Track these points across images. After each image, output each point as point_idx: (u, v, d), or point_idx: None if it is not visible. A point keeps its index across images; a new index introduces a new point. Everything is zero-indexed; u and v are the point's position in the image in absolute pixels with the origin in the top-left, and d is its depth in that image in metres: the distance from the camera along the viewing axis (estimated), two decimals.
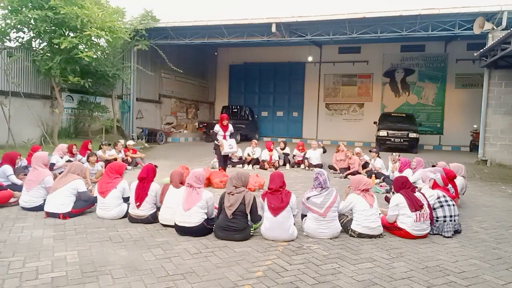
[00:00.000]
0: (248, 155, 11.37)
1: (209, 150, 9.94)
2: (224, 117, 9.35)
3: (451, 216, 5.14)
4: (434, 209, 5.21)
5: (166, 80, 19.68)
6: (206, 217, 4.72)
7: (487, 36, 12.32)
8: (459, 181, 6.93)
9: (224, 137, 9.24)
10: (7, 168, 6.52)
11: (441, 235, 5.03)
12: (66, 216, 5.20)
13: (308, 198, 4.85)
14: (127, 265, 3.71)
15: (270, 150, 11.26)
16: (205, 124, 18.60)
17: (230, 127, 9.35)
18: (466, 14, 12.69)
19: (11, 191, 5.97)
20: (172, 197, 5.01)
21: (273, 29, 14.26)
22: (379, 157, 10.01)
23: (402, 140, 15.43)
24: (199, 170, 5.00)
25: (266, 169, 10.68)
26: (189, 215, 4.62)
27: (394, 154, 9.73)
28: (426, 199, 5.14)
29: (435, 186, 5.74)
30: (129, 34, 14.10)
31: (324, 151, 11.40)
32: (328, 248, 4.43)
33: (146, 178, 5.27)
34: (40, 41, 12.17)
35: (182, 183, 5.17)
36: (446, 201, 5.28)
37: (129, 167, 9.97)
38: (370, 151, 10.39)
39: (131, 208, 5.22)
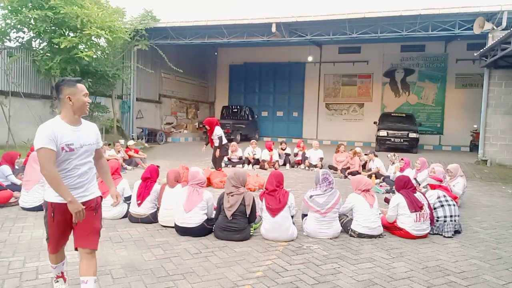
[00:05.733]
0: (249, 154, 11.36)
1: (209, 150, 9.96)
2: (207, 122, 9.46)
3: (451, 216, 5.14)
4: (435, 208, 5.21)
5: (166, 80, 19.68)
6: (206, 217, 4.73)
7: (487, 36, 12.32)
8: (460, 180, 6.95)
9: (210, 140, 9.45)
10: (6, 169, 6.52)
11: (441, 235, 5.03)
12: None
13: (311, 197, 4.85)
14: (127, 265, 3.71)
15: (270, 150, 11.25)
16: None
17: (216, 131, 9.37)
18: (466, 14, 12.68)
19: (11, 191, 5.97)
20: (169, 198, 5.02)
21: (273, 29, 14.26)
22: (376, 156, 9.99)
23: (402, 140, 15.42)
24: (198, 170, 5.02)
25: (266, 169, 10.68)
26: (190, 216, 4.62)
27: (390, 154, 9.75)
28: (426, 199, 5.15)
29: (434, 185, 5.76)
30: (129, 34, 14.09)
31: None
32: (328, 248, 4.43)
33: (150, 178, 5.32)
34: (40, 41, 12.17)
35: (178, 181, 5.19)
36: (447, 200, 5.28)
37: (129, 167, 9.98)
38: (366, 154, 10.29)
39: (132, 206, 5.23)
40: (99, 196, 2.91)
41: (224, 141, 9.57)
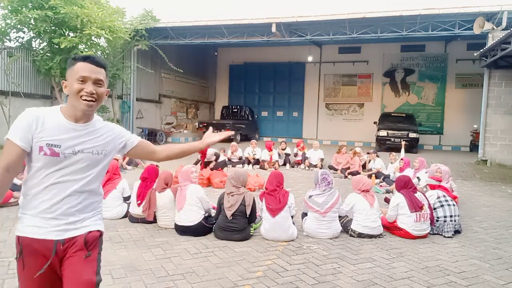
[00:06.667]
0: (249, 154, 11.37)
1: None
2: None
3: (451, 216, 5.14)
4: (435, 209, 5.21)
5: (166, 80, 19.67)
6: (203, 212, 4.72)
7: (487, 36, 12.31)
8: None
9: (202, 164, 9.48)
10: None
11: (441, 235, 5.03)
12: None
13: (310, 197, 4.86)
14: (127, 265, 3.71)
15: (270, 150, 11.25)
16: (205, 124, 18.57)
17: (209, 152, 9.51)
18: (466, 14, 12.68)
19: (11, 191, 5.97)
20: (162, 202, 5.01)
21: (273, 29, 14.25)
22: (378, 157, 10.04)
23: (402, 140, 15.41)
24: (185, 167, 5.08)
25: (266, 169, 10.68)
26: (184, 213, 4.65)
27: (394, 154, 9.78)
28: (427, 199, 5.15)
29: (434, 185, 5.78)
30: (129, 34, 14.09)
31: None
32: (328, 248, 4.43)
33: (148, 178, 5.33)
34: (40, 41, 12.17)
35: (167, 184, 5.19)
36: (446, 200, 5.28)
37: (129, 167, 9.99)
38: (368, 153, 10.38)
39: (132, 206, 5.24)
40: (95, 231, 1.84)
41: (222, 158, 9.65)
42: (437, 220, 5.14)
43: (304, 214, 5.04)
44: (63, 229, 1.75)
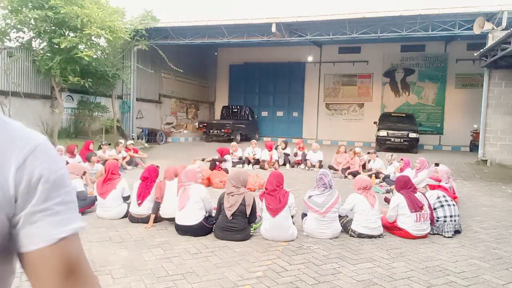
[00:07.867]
0: (249, 154, 11.37)
1: (209, 150, 10.02)
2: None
3: (451, 216, 5.14)
4: (435, 209, 5.21)
5: (166, 80, 19.68)
6: (204, 213, 4.73)
7: (487, 36, 12.31)
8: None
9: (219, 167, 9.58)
10: None
11: (441, 235, 5.03)
12: None
13: (309, 197, 4.86)
14: (127, 265, 3.71)
15: (270, 149, 11.26)
16: (205, 124, 18.59)
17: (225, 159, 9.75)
18: (466, 14, 12.68)
19: None
20: (170, 191, 5.05)
21: (273, 29, 14.25)
22: (377, 157, 10.04)
23: (402, 140, 15.42)
24: (189, 167, 5.10)
25: (266, 169, 10.68)
26: (185, 213, 4.66)
27: (388, 154, 9.80)
28: (427, 199, 5.15)
29: (433, 186, 5.78)
30: (129, 34, 14.09)
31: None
32: (328, 248, 4.43)
33: (149, 178, 5.34)
34: (40, 41, 12.17)
35: (176, 176, 5.24)
36: (446, 200, 5.28)
37: (129, 167, 10.00)
38: (369, 152, 10.41)
39: (132, 206, 5.24)
40: None
41: (228, 164, 9.76)
42: (437, 220, 5.14)
43: (304, 214, 5.04)
44: None
